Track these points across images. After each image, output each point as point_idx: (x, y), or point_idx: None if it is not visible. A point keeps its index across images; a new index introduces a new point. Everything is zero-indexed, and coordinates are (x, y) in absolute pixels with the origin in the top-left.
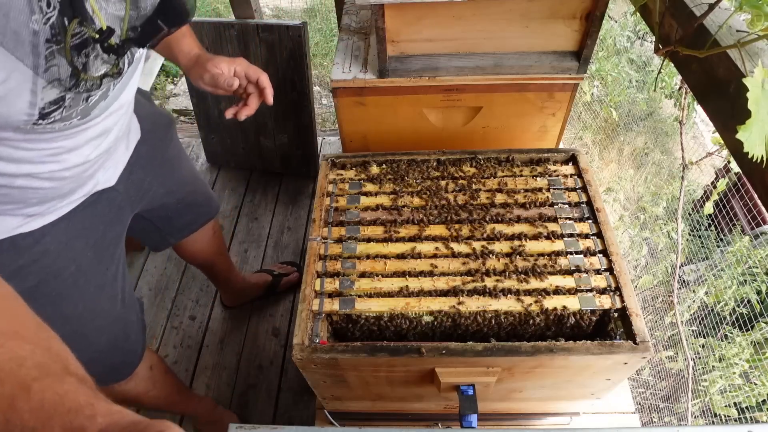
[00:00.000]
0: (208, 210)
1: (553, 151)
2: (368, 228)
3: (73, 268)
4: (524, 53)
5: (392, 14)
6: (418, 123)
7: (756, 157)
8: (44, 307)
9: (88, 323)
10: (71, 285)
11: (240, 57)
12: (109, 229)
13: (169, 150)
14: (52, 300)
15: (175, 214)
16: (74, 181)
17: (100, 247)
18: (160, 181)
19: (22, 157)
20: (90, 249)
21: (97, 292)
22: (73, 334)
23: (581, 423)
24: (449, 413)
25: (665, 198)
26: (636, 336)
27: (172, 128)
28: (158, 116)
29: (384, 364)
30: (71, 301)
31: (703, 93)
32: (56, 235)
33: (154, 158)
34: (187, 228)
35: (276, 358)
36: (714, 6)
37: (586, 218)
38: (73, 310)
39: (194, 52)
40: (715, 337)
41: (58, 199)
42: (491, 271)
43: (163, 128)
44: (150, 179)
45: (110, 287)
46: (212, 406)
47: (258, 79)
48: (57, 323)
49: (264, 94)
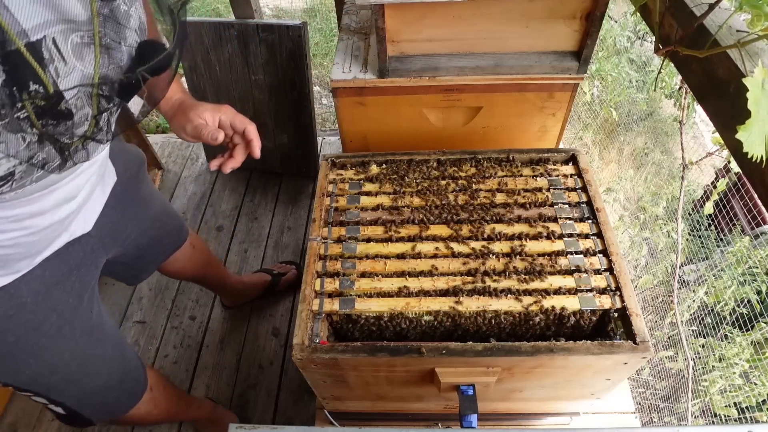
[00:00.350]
0: (176, 239)
1: (553, 151)
2: (368, 228)
3: (55, 317)
4: (524, 53)
5: (392, 14)
6: (418, 123)
7: (756, 157)
8: (26, 362)
9: (78, 369)
10: (55, 335)
11: (226, 105)
12: (86, 273)
13: (142, 189)
14: (35, 353)
15: (145, 252)
16: (43, 241)
17: (80, 291)
18: (134, 222)
19: None
20: (70, 295)
21: (84, 338)
22: (64, 382)
23: (581, 423)
24: (449, 413)
25: (665, 198)
26: (636, 336)
27: (143, 166)
28: (129, 155)
29: (384, 364)
30: (56, 351)
31: (703, 93)
32: (32, 286)
33: (126, 199)
34: (157, 260)
35: (276, 358)
36: (714, 6)
37: (586, 218)
38: (59, 360)
39: (177, 97)
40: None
41: (28, 259)
42: (491, 271)
43: (136, 167)
44: (124, 220)
45: (98, 330)
46: (212, 408)
47: (245, 130)
48: (44, 374)
49: (251, 146)
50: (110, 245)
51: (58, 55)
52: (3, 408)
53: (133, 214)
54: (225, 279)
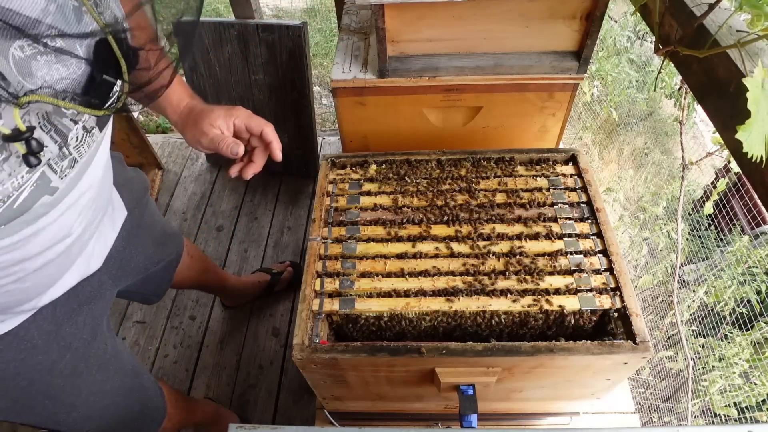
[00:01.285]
0: (177, 257)
1: (553, 151)
2: (368, 228)
3: (69, 356)
4: (524, 53)
5: (392, 14)
6: (418, 123)
7: (755, 157)
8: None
9: (97, 404)
10: (70, 374)
11: (238, 106)
12: (96, 307)
13: (145, 216)
14: (51, 395)
15: (153, 275)
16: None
17: (93, 326)
18: (140, 250)
19: None
20: (83, 331)
21: (101, 373)
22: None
23: (581, 423)
24: (449, 413)
25: (665, 198)
26: (636, 336)
27: (147, 193)
28: (133, 184)
29: (384, 364)
30: (73, 389)
31: (703, 93)
32: (43, 326)
33: (131, 230)
34: (164, 281)
35: (276, 358)
36: (714, 6)
37: (586, 218)
38: (76, 398)
39: (184, 103)
40: (715, 337)
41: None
42: (491, 271)
43: (140, 194)
44: (129, 250)
45: (114, 362)
46: (214, 409)
47: (262, 132)
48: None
49: (270, 148)
50: (118, 277)
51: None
52: None
53: (139, 242)
54: (224, 281)
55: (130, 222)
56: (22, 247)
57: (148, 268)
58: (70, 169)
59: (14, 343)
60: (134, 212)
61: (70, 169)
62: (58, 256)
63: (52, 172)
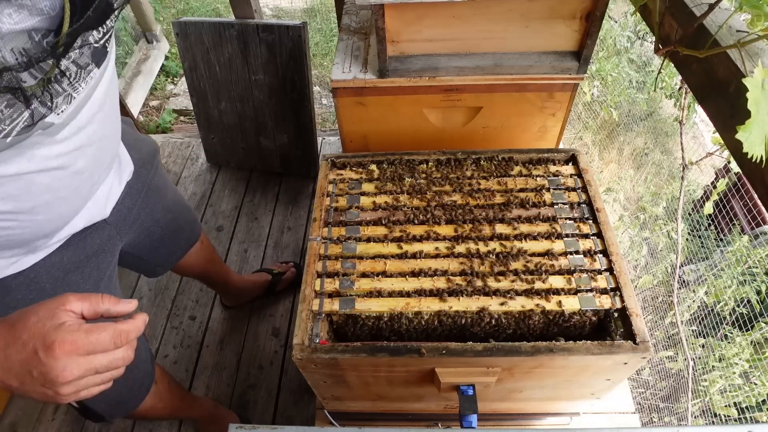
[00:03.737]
0: (191, 235)
1: (553, 151)
2: (368, 228)
3: None
4: (524, 53)
5: (392, 14)
6: (418, 123)
7: (755, 157)
8: None
9: None
10: None
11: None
12: (103, 260)
13: (156, 178)
14: None
15: (160, 244)
16: (50, 221)
17: (98, 279)
18: (147, 210)
19: None
20: (87, 281)
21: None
22: None
23: (581, 423)
24: (449, 413)
25: (665, 198)
26: (636, 336)
27: (157, 156)
28: (143, 144)
29: (384, 364)
30: None
31: (703, 93)
32: (51, 271)
33: (141, 188)
34: (172, 255)
35: (276, 358)
36: (714, 6)
37: (586, 218)
38: None
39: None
40: (715, 337)
41: (43, 239)
42: (491, 271)
43: (149, 156)
44: (137, 209)
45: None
46: (213, 407)
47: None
48: None
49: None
50: (125, 231)
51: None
52: (3, 408)
53: (145, 203)
54: (227, 276)
55: (138, 181)
56: (25, 178)
57: (154, 234)
58: (66, 105)
59: (24, 283)
60: (142, 172)
61: (66, 105)
62: (68, 192)
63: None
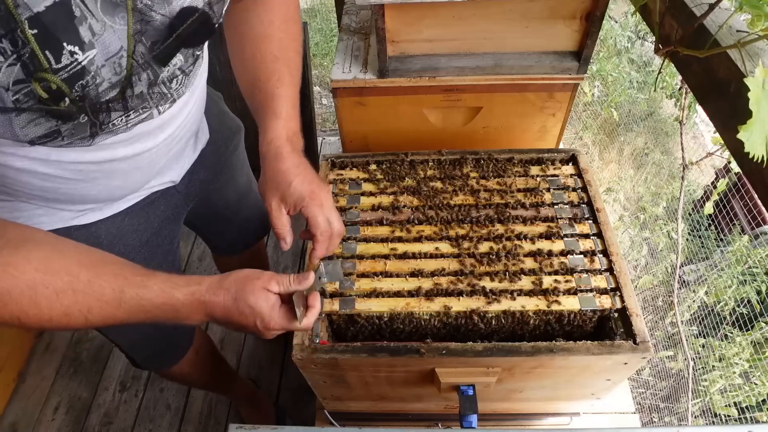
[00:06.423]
0: (259, 226)
1: (553, 151)
2: (368, 228)
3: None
4: (524, 53)
5: (392, 14)
6: (418, 123)
7: (757, 157)
8: None
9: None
10: None
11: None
12: (165, 227)
13: (233, 157)
14: None
15: (227, 228)
16: (125, 187)
17: (153, 245)
18: (218, 186)
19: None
20: (143, 246)
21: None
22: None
23: (581, 423)
24: (449, 413)
25: (665, 198)
26: (636, 336)
27: (239, 134)
28: (227, 119)
29: (384, 365)
30: None
31: (703, 93)
32: (109, 229)
33: (217, 161)
34: (238, 241)
35: (276, 358)
36: (714, 6)
37: (586, 218)
38: None
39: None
40: (715, 337)
41: (111, 201)
42: (490, 271)
43: (230, 132)
44: (210, 181)
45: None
46: (252, 390)
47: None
48: None
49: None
50: (192, 200)
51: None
52: (3, 408)
53: (219, 177)
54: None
55: (215, 155)
56: (115, 150)
57: (222, 215)
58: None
59: (84, 235)
60: (221, 147)
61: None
62: (145, 164)
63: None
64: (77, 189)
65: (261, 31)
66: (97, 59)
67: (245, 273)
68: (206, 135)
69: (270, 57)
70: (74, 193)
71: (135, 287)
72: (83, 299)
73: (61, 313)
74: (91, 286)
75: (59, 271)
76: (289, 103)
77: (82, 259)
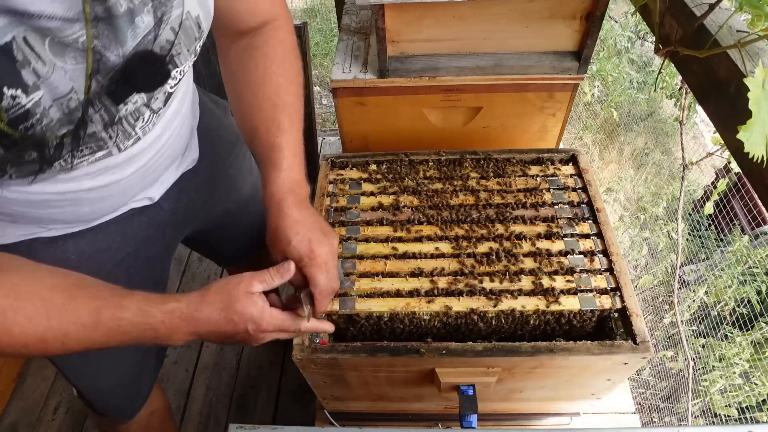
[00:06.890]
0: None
1: (553, 151)
2: (368, 228)
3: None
4: (524, 53)
5: (392, 14)
6: (418, 123)
7: (757, 157)
8: None
9: (101, 353)
10: None
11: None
12: (147, 248)
13: (232, 169)
14: None
15: (231, 235)
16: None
17: (129, 266)
18: (215, 200)
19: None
20: (118, 267)
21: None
22: (81, 362)
23: (581, 423)
24: (449, 413)
25: (665, 198)
26: (636, 336)
27: (239, 145)
28: (225, 133)
29: (384, 365)
30: None
31: (703, 93)
32: (79, 245)
33: (212, 176)
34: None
35: (276, 358)
36: (714, 6)
37: (586, 218)
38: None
39: (279, 193)
40: (715, 337)
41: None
42: (491, 271)
43: (230, 146)
44: (203, 199)
45: None
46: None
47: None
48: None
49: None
50: (184, 222)
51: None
52: (3, 408)
53: (215, 193)
54: None
55: (210, 170)
56: (79, 193)
57: (225, 223)
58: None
59: (51, 249)
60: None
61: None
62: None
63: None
64: (44, 213)
65: (258, 76)
66: (43, 101)
67: (224, 282)
68: (195, 153)
69: (269, 104)
70: (41, 216)
71: (112, 308)
72: (58, 324)
73: (36, 339)
74: (65, 309)
75: (31, 296)
76: (290, 153)
77: (57, 283)
